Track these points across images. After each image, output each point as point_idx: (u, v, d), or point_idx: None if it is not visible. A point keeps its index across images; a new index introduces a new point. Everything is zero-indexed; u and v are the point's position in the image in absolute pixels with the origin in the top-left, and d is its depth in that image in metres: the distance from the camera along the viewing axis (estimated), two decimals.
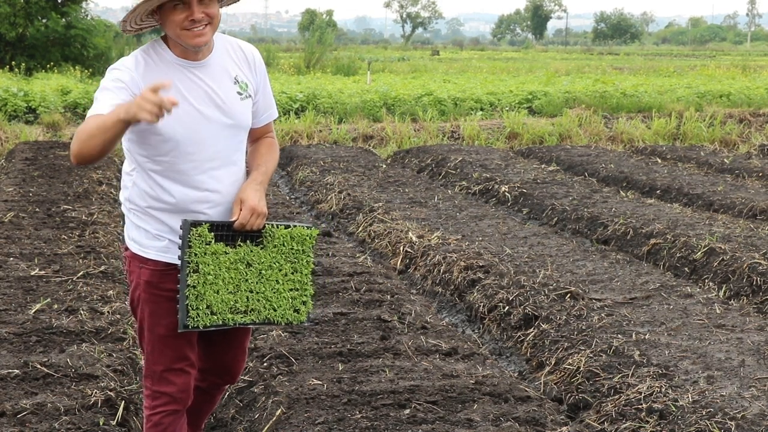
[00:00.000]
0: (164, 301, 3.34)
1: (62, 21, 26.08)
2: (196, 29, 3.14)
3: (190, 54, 3.24)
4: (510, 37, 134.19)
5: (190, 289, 3.26)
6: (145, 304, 3.37)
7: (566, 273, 6.97)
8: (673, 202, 10.13)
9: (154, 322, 3.36)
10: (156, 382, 3.42)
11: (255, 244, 3.38)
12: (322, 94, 19.29)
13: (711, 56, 59.69)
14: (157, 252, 3.34)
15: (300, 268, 3.49)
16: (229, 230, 3.31)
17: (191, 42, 3.16)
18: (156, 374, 3.41)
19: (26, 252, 7.03)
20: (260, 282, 3.41)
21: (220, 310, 3.33)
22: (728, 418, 4.24)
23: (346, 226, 9.30)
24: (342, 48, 48.66)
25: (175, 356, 3.40)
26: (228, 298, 3.34)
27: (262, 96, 3.46)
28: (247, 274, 3.38)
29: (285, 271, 3.45)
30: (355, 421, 4.11)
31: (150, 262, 3.34)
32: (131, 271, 3.41)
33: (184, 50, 3.22)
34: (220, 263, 3.30)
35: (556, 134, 16.50)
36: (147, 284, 3.35)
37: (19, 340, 5.05)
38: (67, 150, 12.89)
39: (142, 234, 3.35)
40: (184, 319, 3.26)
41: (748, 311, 6.04)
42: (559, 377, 5.14)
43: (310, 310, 3.56)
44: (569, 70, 34.85)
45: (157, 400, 3.43)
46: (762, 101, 21.16)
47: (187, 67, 3.24)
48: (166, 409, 3.44)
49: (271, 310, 3.45)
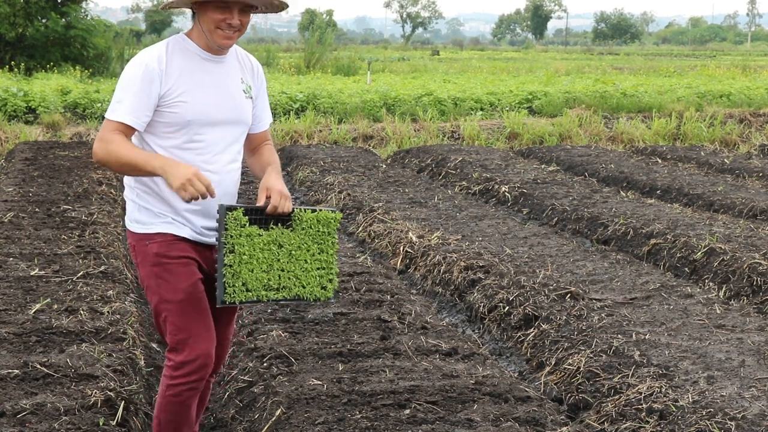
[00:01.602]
0: (176, 267, 3.54)
1: (62, 21, 26.07)
2: (228, 32, 3.45)
3: (212, 49, 3.54)
4: (510, 37, 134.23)
5: (227, 268, 3.49)
6: (159, 277, 3.55)
7: (566, 273, 6.96)
8: (673, 203, 10.13)
9: (172, 289, 3.54)
10: (180, 353, 3.59)
11: (285, 227, 3.64)
12: (322, 94, 19.29)
13: (711, 56, 59.69)
14: (162, 224, 3.55)
15: (326, 249, 3.75)
16: (261, 214, 3.57)
17: (220, 42, 3.47)
18: (181, 343, 3.57)
19: (26, 252, 7.03)
20: (290, 261, 3.67)
21: (255, 287, 3.57)
22: (728, 418, 4.23)
23: (346, 226, 9.30)
24: (342, 48, 48.61)
25: (198, 321, 3.58)
26: (262, 276, 3.59)
27: (261, 103, 3.77)
28: (279, 254, 3.63)
29: (312, 251, 3.71)
30: (355, 422, 4.11)
31: (156, 236, 3.55)
32: (138, 253, 3.60)
33: (207, 44, 3.52)
34: (254, 244, 3.55)
35: (556, 134, 16.50)
36: (156, 255, 3.54)
37: (19, 340, 5.04)
38: (67, 150, 12.90)
39: (145, 214, 3.56)
40: (222, 295, 3.49)
41: (749, 311, 6.03)
42: (559, 377, 5.14)
43: (336, 287, 3.81)
44: (569, 70, 34.85)
45: (179, 370, 3.60)
46: (762, 101, 21.15)
47: (207, 59, 3.54)
48: (188, 379, 3.60)
49: (300, 287, 3.71)
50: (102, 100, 17.99)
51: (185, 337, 3.57)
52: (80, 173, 10.99)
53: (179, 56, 3.48)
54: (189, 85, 3.48)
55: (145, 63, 3.44)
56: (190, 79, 3.48)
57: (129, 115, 3.41)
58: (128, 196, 3.63)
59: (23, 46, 26.05)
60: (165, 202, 3.53)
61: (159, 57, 3.45)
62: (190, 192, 3.33)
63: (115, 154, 3.39)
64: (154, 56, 3.45)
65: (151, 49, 3.51)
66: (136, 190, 3.58)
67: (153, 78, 3.43)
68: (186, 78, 3.47)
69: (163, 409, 3.70)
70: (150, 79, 3.42)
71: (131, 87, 3.43)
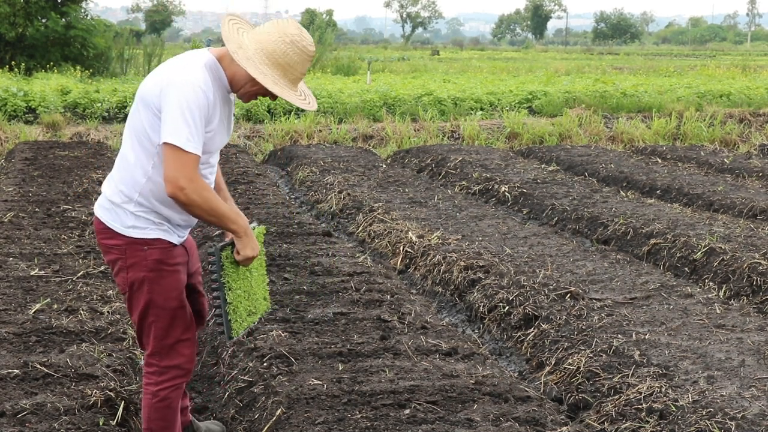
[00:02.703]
0: (172, 274, 3.60)
1: (62, 21, 26.04)
2: (253, 99, 3.64)
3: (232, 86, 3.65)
4: (510, 37, 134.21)
5: (229, 306, 3.62)
6: (153, 282, 3.57)
7: (566, 273, 6.96)
8: (673, 202, 10.13)
9: (166, 296, 3.59)
10: (165, 357, 3.65)
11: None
12: (322, 94, 19.28)
13: (711, 56, 59.68)
14: (161, 232, 3.57)
15: (262, 262, 3.93)
16: (232, 245, 3.69)
17: (244, 102, 3.68)
18: (166, 348, 3.64)
19: (26, 252, 7.03)
20: (255, 283, 3.84)
21: (243, 316, 3.73)
22: (728, 418, 4.23)
23: (346, 226, 9.29)
24: (342, 48, 48.61)
25: (185, 326, 3.68)
26: (246, 304, 3.75)
27: None
28: (249, 279, 3.78)
29: (261, 269, 3.91)
30: (355, 421, 4.10)
31: (156, 242, 3.56)
32: (130, 256, 3.56)
33: (231, 82, 3.58)
34: (240, 277, 3.70)
35: (556, 134, 16.49)
36: (156, 262, 3.56)
37: (19, 340, 5.04)
38: (67, 150, 12.90)
39: (143, 221, 3.56)
40: (229, 332, 3.62)
41: (748, 311, 6.03)
42: (559, 377, 5.14)
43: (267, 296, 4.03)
44: (569, 70, 34.85)
45: (164, 375, 3.67)
46: (762, 101, 21.15)
47: (228, 91, 3.63)
48: (173, 383, 3.69)
49: (262, 305, 3.92)
50: (102, 100, 17.98)
51: (173, 342, 3.65)
52: (80, 173, 10.99)
53: (215, 86, 3.49)
54: (218, 117, 3.53)
55: (203, 91, 3.41)
56: (220, 111, 3.53)
57: (199, 146, 3.40)
58: (121, 205, 3.56)
59: (23, 46, 26.03)
60: (162, 215, 3.57)
61: (208, 86, 3.44)
62: (247, 261, 3.63)
63: (210, 204, 3.42)
64: (208, 85, 3.44)
65: (199, 74, 3.45)
66: (138, 203, 3.55)
67: (207, 108, 3.44)
68: (218, 110, 3.52)
69: (152, 418, 3.73)
70: (207, 108, 3.43)
71: (197, 114, 3.39)
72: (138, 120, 3.50)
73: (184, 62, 3.47)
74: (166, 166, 3.35)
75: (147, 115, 3.45)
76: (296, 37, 3.47)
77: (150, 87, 3.46)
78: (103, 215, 3.60)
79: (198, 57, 3.50)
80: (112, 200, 3.58)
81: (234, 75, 3.53)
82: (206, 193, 3.40)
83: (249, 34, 3.52)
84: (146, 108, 3.45)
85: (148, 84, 3.49)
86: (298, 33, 3.48)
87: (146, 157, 3.51)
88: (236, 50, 3.43)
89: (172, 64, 3.50)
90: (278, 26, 3.50)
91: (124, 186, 3.55)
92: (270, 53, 3.46)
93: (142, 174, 3.51)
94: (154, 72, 3.55)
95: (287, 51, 3.47)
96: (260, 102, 18.22)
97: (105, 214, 3.60)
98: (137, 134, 3.50)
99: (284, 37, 3.46)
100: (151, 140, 3.46)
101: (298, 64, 3.50)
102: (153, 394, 3.69)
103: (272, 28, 3.49)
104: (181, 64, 3.47)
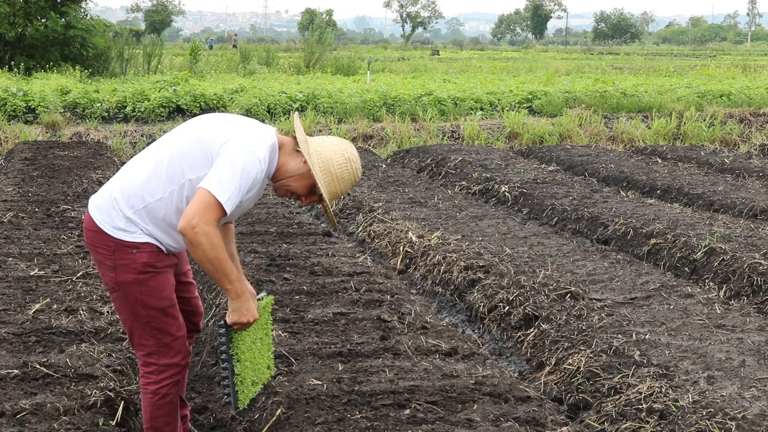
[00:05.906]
0: (161, 275, 3.64)
1: (61, 21, 26.03)
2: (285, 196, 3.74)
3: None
4: (510, 37, 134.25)
5: (237, 377, 3.73)
6: (143, 284, 3.61)
7: (566, 273, 6.96)
8: (673, 202, 10.13)
9: (156, 297, 3.64)
10: (164, 356, 3.71)
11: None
12: (321, 93, 19.28)
13: (711, 56, 59.69)
14: (150, 238, 3.61)
15: (268, 331, 4.03)
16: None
17: (277, 193, 3.73)
18: (164, 346, 3.70)
19: (26, 252, 7.03)
20: (260, 352, 3.95)
21: (249, 386, 3.84)
22: (728, 418, 4.23)
23: (346, 226, 9.29)
24: (342, 48, 48.64)
25: (178, 324, 3.74)
26: (252, 375, 3.86)
27: None
28: (254, 349, 3.88)
29: (267, 339, 4.03)
30: (355, 422, 4.10)
31: (144, 245, 3.59)
32: (119, 258, 3.58)
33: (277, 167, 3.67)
34: (247, 348, 3.80)
35: (556, 134, 16.49)
36: (146, 265, 3.59)
37: (19, 340, 5.04)
38: (67, 150, 12.89)
39: (133, 226, 3.58)
40: (236, 403, 3.75)
41: (749, 311, 6.03)
42: (560, 377, 5.14)
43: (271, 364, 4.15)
44: (569, 70, 34.85)
45: (164, 373, 3.73)
46: (762, 101, 21.15)
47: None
48: (173, 379, 3.76)
49: (266, 374, 4.06)
50: (101, 100, 17.98)
51: (169, 340, 3.71)
52: (80, 173, 10.98)
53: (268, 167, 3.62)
54: (255, 191, 3.62)
55: (261, 166, 3.51)
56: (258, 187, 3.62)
57: (233, 207, 3.45)
58: (116, 207, 3.56)
59: (23, 45, 26.03)
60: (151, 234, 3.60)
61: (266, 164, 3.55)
62: (241, 327, 3.66)
63: (216, 252, 3.42)
64: (266, 164, 3.54)
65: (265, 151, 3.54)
66: (133, 212, 3.56)
67: (255, 182, 3.52)
68: (258, 186, 3.61)
69: (156, 416, 3.77)
70: (254, 182, 3.52)
71: (246, 182, 3.46)
72: (180, 149, 3.55)
73: (256, 133, 3.56)
74: (193, 205, 3.40)
75: (196, 152, 3.52)
76: (353, 158, 3.69)
77: (215, 133, 3.54)
78: (96, 213, 3.61)
79: (268, 135, 3.60)
80: (114, 197, 3.58)
81: (283, 166, 3.65)
82: (215, 241, 3.42)
83: (312, 138, 3.71)
84: (201, 147, 3.52)
85: (214, 129, 3.56)
86: (357, 157, 3.71)
87: (167, 183, 3.54)
88: (310, 153, 3.60)
89: (244, 126, 3.59)
90: (342, 142, 3.72)
91: (130, 194, 3.57)
92: (327, 160, 3.63)
93: (153, 193, 3.54)
94: (221, 120, 3.63)
95: (343, 164, 3.66)
96: (260, 102, 18.24)
97: (97, 212, 3.60)
98: (172, 159, 3.53)
99: (345, 153, 3.68)
100: (184, 173, 3.52)
101: (345, 182, 3.68)
102: (154, 393, 3.74)
103: (336, 141, 3.71)
104: (252, 131, 3.56)
